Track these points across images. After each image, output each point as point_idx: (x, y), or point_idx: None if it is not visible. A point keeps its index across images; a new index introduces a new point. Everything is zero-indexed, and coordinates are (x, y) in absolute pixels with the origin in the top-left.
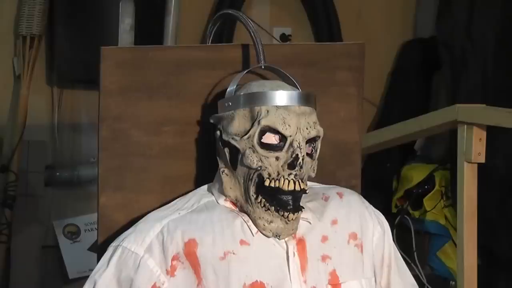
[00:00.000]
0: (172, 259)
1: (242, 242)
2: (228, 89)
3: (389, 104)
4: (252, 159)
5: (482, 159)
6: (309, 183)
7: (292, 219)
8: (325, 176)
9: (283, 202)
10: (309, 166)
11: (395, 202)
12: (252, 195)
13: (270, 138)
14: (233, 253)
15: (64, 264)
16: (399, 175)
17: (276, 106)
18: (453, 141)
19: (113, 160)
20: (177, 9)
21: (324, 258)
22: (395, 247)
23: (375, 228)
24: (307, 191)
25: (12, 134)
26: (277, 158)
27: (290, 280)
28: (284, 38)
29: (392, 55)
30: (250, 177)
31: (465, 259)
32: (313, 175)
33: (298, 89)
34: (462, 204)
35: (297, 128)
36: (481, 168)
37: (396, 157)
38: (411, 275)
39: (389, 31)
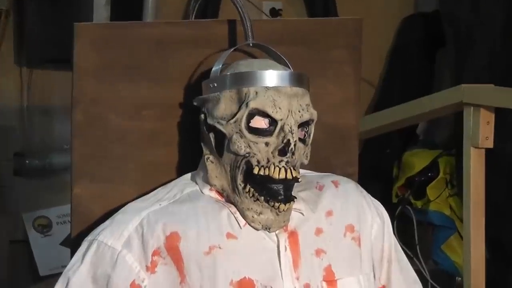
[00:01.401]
0: (153, 254)
1: (229, 235)
2: (213, 69)
3: (389, 85)
4: (240, 145)
5: (490, 144)
6: (301, 171)
7: (283, 210)
8: (319, 163)
9: (273, 192)
10: (302, 153)
11: (395, 191)
12: (240, 184)
13: (259, 122)
14: (219, 248)
15: (34, 261)
16: (400, 162)
17: (266, 87)
18: (458, 124)
19: (88, 146)
20: None
21: (318, 252)
22: (396, 240)
23: (374, 219)
24: (299, 180)
25: None
26: (266, 144)
27: (282, 276)
28: (274, 13)
29: (391, 31)
30: (238, 165)
31: (472, 252)
32: (306, 162)
33: (290, 68)
34: (468, 193)
35: (289, 111)
36: (489, 154)
37: (396, 143)
38: (413, 270)
39: (388, 5)
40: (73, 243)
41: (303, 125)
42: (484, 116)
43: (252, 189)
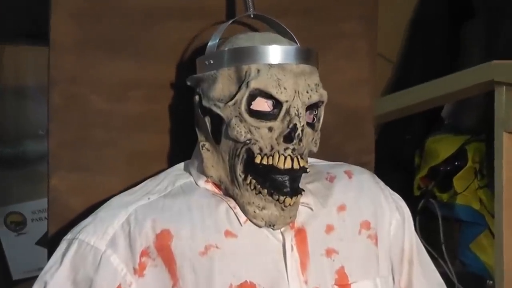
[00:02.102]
0: (141, 255)
1: (228, 233)
2: (209, 44)
3: (409, 61)
4: (239, 131)
5: None
6: (310, 159)
7: (289, 204)
8: (330, 151)
9: (278, 184)
10: (310, 139)
11: (417, 183)
12: (240, 175)
13: (262, 104)
14: (217, 247)
15: (6, 262)
16: (422, 149)
17: (269, 64)
18: (489, 106)
19: (67, 132)
20: None
21: (329, 252)
22: (418, 238)
23: (393, 215)
24: (307, 170)
25: None
26: (270, 129)
27: (288, 279)
28: None
29: (412, 0)
30: (237, 153)
31: (505, 252)
32: (315, 149)
33: (296, 43)
34: (500, 184)
35: (295, 92)
36: None
37: (418, 127)
38: (438, 273)
39: None
40: (50, 243)
41: (312, 107)
42: None
43: (253, 181)
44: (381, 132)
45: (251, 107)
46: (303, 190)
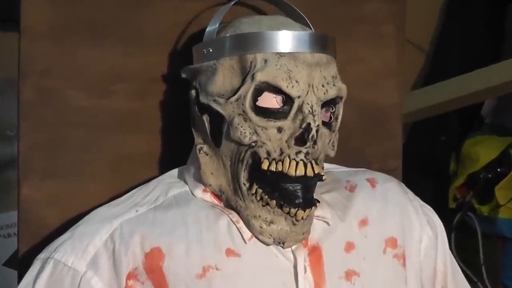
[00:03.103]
0: (128, 277)
1: (230, 252)
2: (207, 29)
3: (444, 49)
4: (243, 131)
5: None
6: (326, 165)
7: (302, 218)
8: (350, 155)
9: (288, 194)
10: (327, 141)
11: (453, 193)
12: (244, 184)
13: (270, 100)
14: (217, 269)
15: None
16: (459, 153)
17: (278, 53)
18: None
19: (40, 133)
20: None
21: (349, 274)
22: (453, 258)
23: (424, 230)
24: (323, 177)
25: None
26: (279, 130)
27: None
28: None
29: None
30: (241, 158)
31: None
32: (332, 153)
33: (310, 28)
34: None
35: (309, 86)
36: None
37: (454, 127)
38: None
39: None
40: (21, 263)
41: (329, 104)
42: None
43: (260, 190)
44: (410, 132)
45: (257, 103)
46: (318, 201)
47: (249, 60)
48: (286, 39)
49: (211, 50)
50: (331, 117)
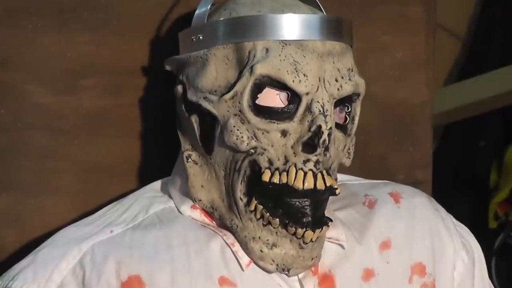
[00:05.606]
0: None
1: (224, 281)
2: (196, 12)
3: (483, 36)
4: (240, 135)
5: None
6: (340, 176)
7: (311, 240)
8: (369, 164)
9: (295, 211)
10: (341, 147)
11: (494, 210)
12: (241, 199)
13: (272, 98)
14: None
15: None
16: (501, 161)
17: (283, 40)
18: None
19: None
20: None
21: None
22: (493, 287)
23: (458, 255)
24: (337, 191)
25: None
26: (284, 133)
27: None
28: None
29: None
30: (237, 167)
31: None
32: (347, 162)
33: (321, 11)
34: None
35: (320, 80)
36: None
37: (495, 131)
38: None
39: None
40: None
41: (343, 102)
42: None
43: (260, 207)
44: (443, 137)
45: (256, 102)
46: (331, 220)
47: (247, 49)
48: (291, 23)
49: (201, 37)
50: (346, 118)
